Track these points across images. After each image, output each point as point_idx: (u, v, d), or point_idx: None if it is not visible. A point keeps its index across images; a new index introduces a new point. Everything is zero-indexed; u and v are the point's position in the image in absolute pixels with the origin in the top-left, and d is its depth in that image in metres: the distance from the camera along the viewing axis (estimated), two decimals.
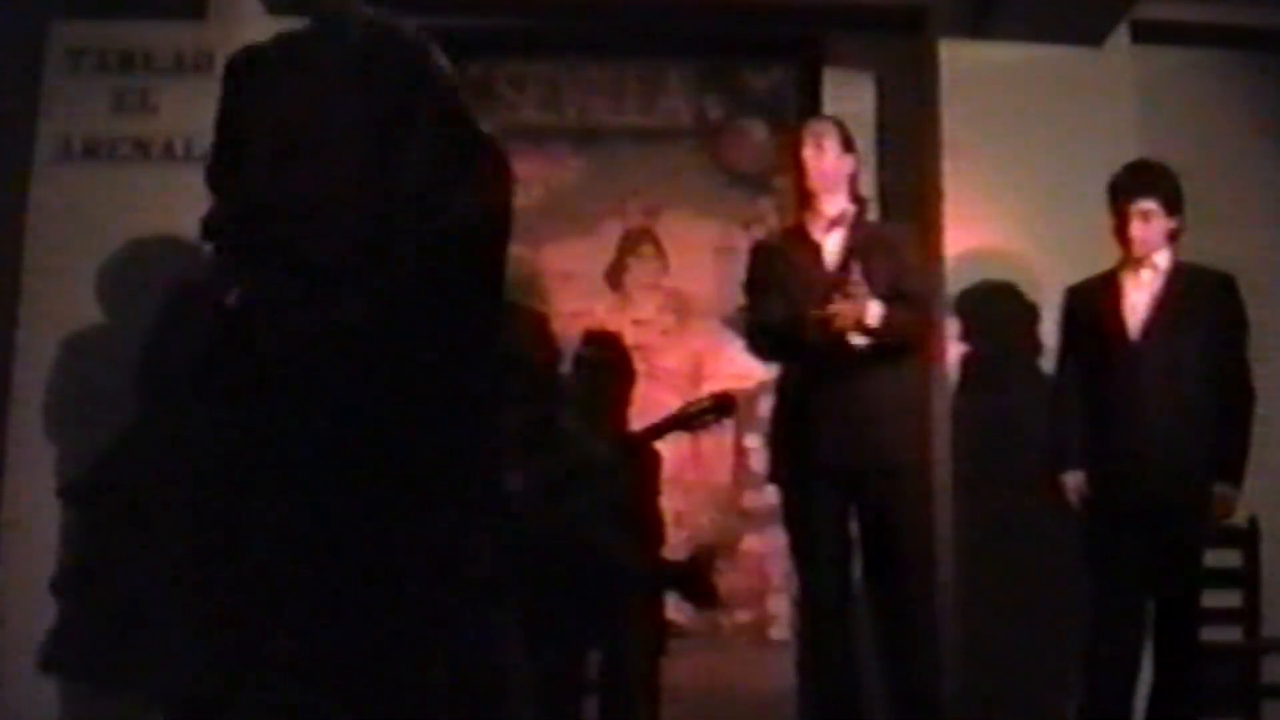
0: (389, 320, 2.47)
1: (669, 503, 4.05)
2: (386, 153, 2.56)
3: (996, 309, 4.44)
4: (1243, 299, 3.78)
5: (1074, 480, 3.76)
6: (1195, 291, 3.75)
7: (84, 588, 2.86)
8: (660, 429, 3.86)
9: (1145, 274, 3.78)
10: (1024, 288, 4.40)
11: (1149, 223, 3.75)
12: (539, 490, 3.47)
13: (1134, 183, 3.79)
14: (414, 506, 2.52)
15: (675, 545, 4.05)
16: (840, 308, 3.49)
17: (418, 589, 2.54)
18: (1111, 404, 3.72)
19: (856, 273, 3.52)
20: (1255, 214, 4.72)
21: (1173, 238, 3.79)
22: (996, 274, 4.45)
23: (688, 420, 3.83)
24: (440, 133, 2.58)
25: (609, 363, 4.03)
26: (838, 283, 3.53)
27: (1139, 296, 3.77)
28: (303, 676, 2.50)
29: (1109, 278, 3.83)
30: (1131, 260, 3.79)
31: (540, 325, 3.79)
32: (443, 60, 2.68)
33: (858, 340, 3.54)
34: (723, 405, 3.83)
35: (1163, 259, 3.78)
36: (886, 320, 3.53)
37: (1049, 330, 4.11)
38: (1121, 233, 3.79)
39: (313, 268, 2.50)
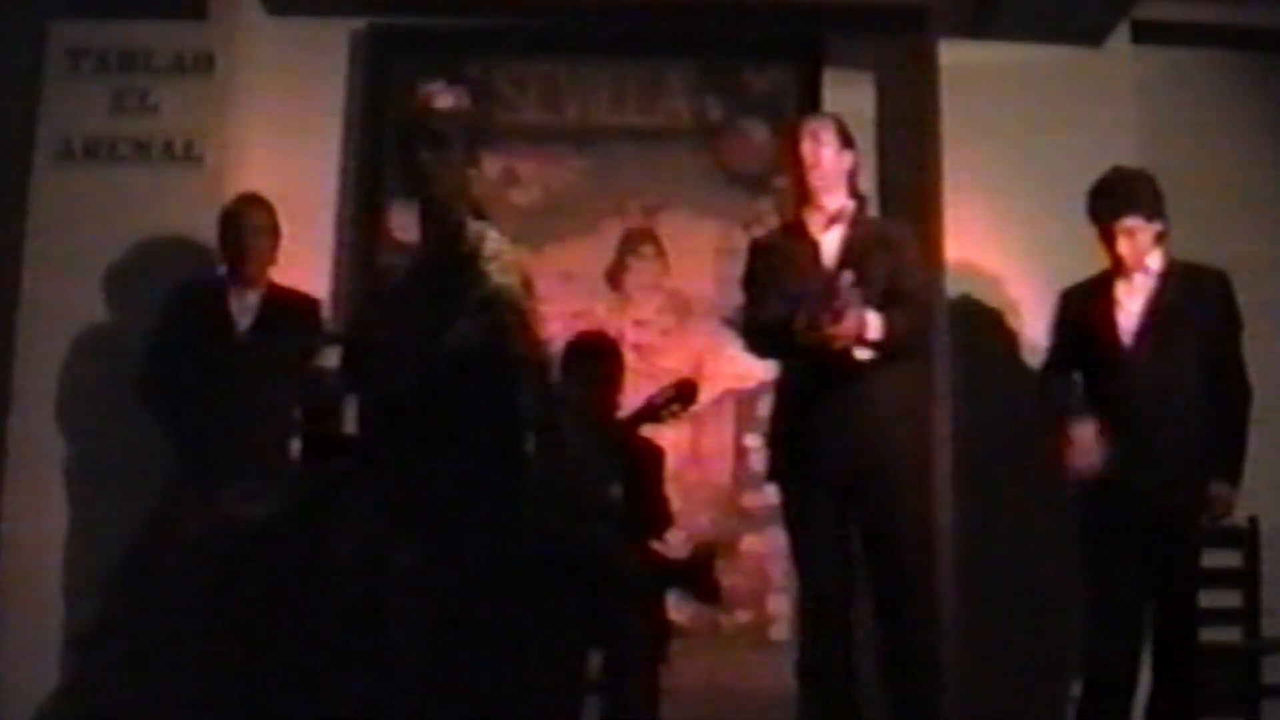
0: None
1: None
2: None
3: (996, 309, 4.44)
4: (1236, 295, 3.76)
5: (1084, 430, 3.62)
6: (1189, 293, 3.73)
7: None
8: (630, 423, 3.87)
9: (1138, 278, 3.76)
10: (1024, 288, 4.39)
11: (1135, 238, 3.72)
12: (538, 490, 3.47)
13: (1113, 202, 3.74)
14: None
15: (676, 545, 4.05)
16: (838, 330, 3.42)
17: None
18: (1108, 410, 3.70)
19: (849, 278, 3.47)
20: (1255, 214, 4.71)
21: (1160, 240, 3.77)
22: (996, 274, 4.44)
23: (654, 412, 3.83)
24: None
25: (601, 363, 4.03)
26: (832, 292, 3.46)
27: (1133, 302, 3.75)
28: None
29: (1102, 282, 3.81)
30: (1123, 268, 3.78)
31: (537, 325, 3.78)
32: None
33: (862, 354, 3.51)
34: (684, 394, 3.84)
35: (1155, 261, 3.76)
36: (887, 330, 3.49)
37: (1048, 331, 4.10)
38: (1110, 250, 3.76)
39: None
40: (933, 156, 4.57)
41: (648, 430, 3.96)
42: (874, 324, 3.47)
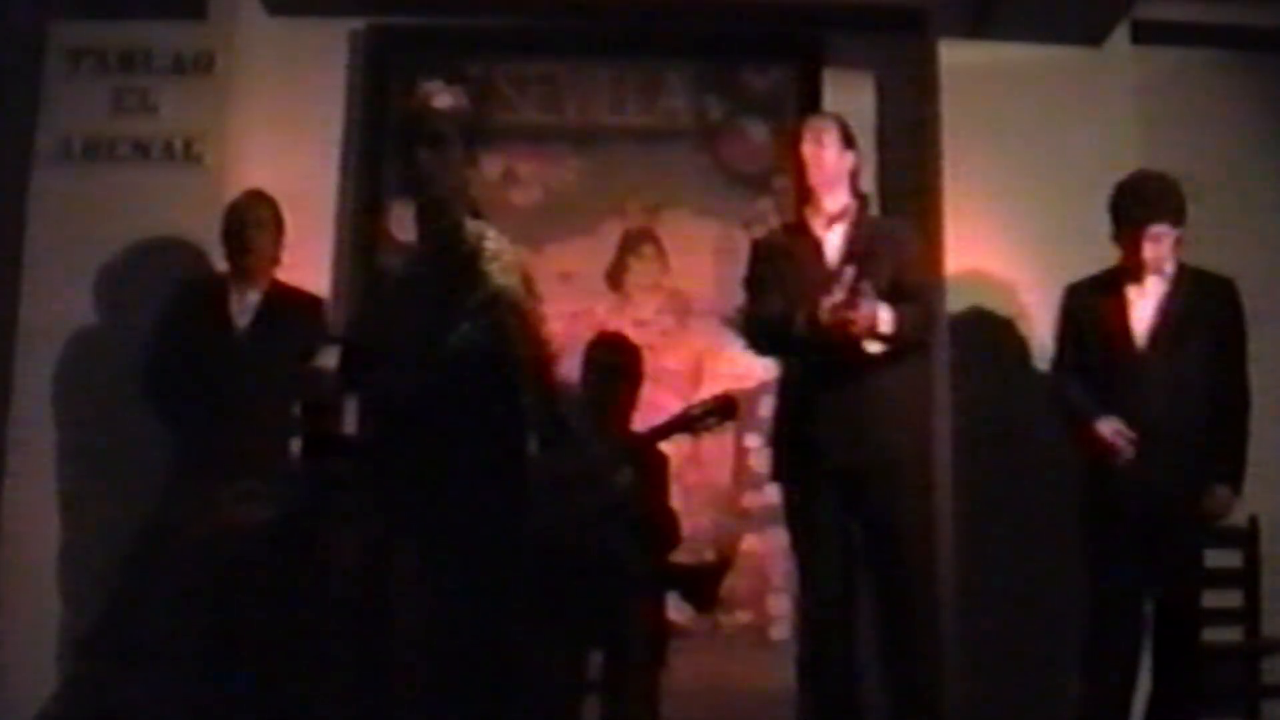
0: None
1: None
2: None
3: (996, 308, 4.44)
4: (1243, 305, 3.76)
5: (1109, 425, 3.62)
6: (1199, 299, 3.73)
7: None
8: (662, 431, 3.86)
9: (1150, 281, 3.74)
10: (1024, 286, 4.40)
11: (1160, 243, 3.70)
12: (545, 489, 3.47)
13: (1143, 207, 3.69)
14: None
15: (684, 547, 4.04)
16: (856, 314, 3.43)
17: None
18: (1116, 410, 3.69)
19: (855, 273, 3.48)
20: (1255, 215, 4.71)
21: (1178, 245, 3.76)
22: (996, 273, 4.44)
23: (690, 423, 3.82)
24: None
25: (620, 366, 4.02)
26: (845, 285, 3.47)
27: (1144, 305, 3.74)
28: None
29: (1112, 282, 3.79)
30: (1140, 271, 3.77)
31: (539, 326, 3.79)
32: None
33: (873, 346, 3.52)
34: (724, 408, 3.82)
35: (1168, 265, 3.76)
36: (898, 324, 3.50)
37: (1049, 328, 4.10)
38: (1132, 253, 3.72)
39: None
40: (933, 156, 4.57)
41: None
42: (885, 317, 3.48)
